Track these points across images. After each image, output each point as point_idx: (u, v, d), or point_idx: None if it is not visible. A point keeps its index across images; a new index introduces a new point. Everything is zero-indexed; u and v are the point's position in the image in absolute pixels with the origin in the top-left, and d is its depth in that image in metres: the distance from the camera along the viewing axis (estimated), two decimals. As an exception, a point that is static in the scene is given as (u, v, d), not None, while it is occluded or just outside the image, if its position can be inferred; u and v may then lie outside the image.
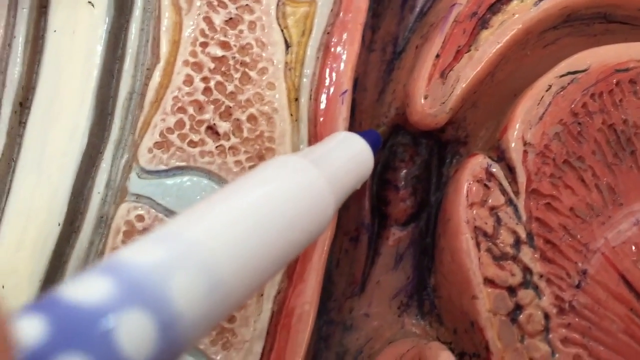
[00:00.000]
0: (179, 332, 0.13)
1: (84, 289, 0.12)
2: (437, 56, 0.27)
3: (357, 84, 0.29)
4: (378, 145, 0.26)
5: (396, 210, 0.29)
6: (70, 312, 0.12)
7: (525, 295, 0.25)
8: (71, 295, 0.12)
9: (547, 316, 0.24)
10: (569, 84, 0.26)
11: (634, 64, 0.27)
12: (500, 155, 0.26)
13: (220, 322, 0.24)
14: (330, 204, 0.19)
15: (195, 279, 0.14)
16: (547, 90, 0.26)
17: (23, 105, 0.26)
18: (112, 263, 0.13)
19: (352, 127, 0.29)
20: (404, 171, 0.29)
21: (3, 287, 0.24)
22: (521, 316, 0.24)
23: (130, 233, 0.24)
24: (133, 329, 0.12)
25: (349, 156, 0.22)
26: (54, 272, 0.24)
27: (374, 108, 0.29)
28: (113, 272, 0.13)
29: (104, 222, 0.25)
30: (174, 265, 0.14)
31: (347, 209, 0.28)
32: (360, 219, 0.28)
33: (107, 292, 0.12)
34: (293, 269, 0.25)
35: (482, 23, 0.28)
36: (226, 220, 0.16)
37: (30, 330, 0.11)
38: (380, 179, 0.29)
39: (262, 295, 0.25)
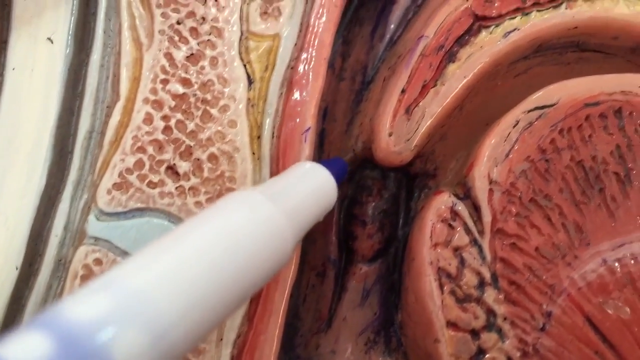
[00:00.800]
0: None
1: (19, 346, 0.12)
2: (403, 91, 0.27)
3: (326, 113, 0.29)
4: (344, 174, 0.25)
5: (363, 246, 0.28)
6: None
7: (488, 338, 0.24)
8: (6, 353, 0.12)
9: (510, 360, 0.24)
10: (536, 119, 0.26)
11: (604, 97, 0.26)
12: (466, 193, 0.26)
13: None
14: (288, 240, 0.19)
15: (135, 334, 0.13)
16: (514, 127, 0.26)
17: (-19, 145, 0.25)
18: (49, 316, 0.13)
19: (320, 158, 0.29)
20: (372, 205, 0.28)
21: (-41, 334, 0.24)
22: (484, 360, 0.24)
23: (88, 277, 0.24)
24: None
25: (310, 189, 0.22)
26: (13, 315, 0.24)
27: (342, 140, 0.29)
28: (50, 327, 0.12)
29: (62, 265, 0.25)
30: (114, 319, 0.13)
31: (314, 243, 0.28)
32: (327, 253, 0.28)
33: (42, 352, 0.12)
34: (254, 311, 0.25)
35: (449, 56, 0.27)
36: (173, 266, 0.15)
37: None
38: (348, 213, 0.29)
39: (221, 339, 0.24)
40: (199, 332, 0.15)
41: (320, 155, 0.29)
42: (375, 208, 0.28)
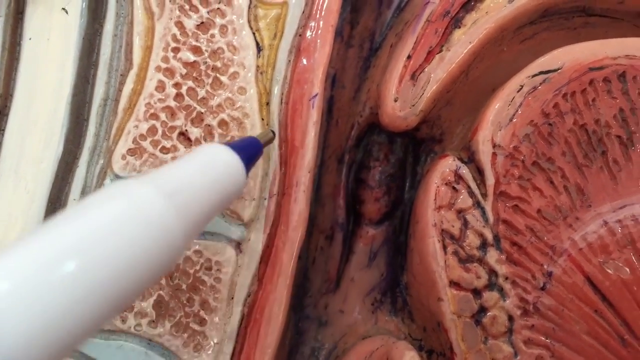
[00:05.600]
0: None
1: None
2: (409, 57, 0.27)
3: (335, 80, 0.30)
4: (256, 153, 0.23)
5: (370, 209, 0.29)
6: None
7: (490, 297, 0.25)
8: None
9: (511, 318, 0.25)
10: (541, 83, 0.26)
11: (608, 62, 0.27)
12: (471, 157, 0.26)
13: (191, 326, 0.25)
14: (177, 237, 0.17)
15: None
16: (518, 91, 0.26)
17: (1, 113, 0.26)
18: None
19: (329, 124, 0.29)
20: (379, 169, 0.29)
21: (-16, 292, 0.25)
22: (485, 318, 0.25)
23: (105, 239, 0.25)
24: None
25: (210, 176, 0.20)
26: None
27: (350, 106, 0.30)
28: None
29: (80, 227, 0.26)
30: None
31: (323, 207, 0.29)
32: (335, 217, 0.29)
33: None
34: (263, 272, 0.26)
35: (455, 22, 0.27)
36: (30, 274, 0.13)
37: None
38: (355, 177, 0.29)
39: (232, 298, 0.25)
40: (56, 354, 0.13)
41: (329, 122, 0.29)
42: (382, 172, 0.29)
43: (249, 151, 0.22)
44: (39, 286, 0.13)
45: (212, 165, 0.20)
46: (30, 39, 0.27)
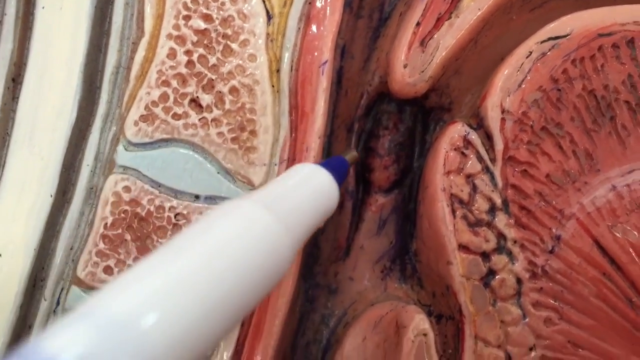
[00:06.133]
0: None
1: None
2: (418, 24, 0.27)
3: (344, 51, 0.30)
4: (345, 173, 0.25)
5: (379, 177, 0.29)
6: None
7: (498, 260, 0.25)
8: None
9: (519, 281, 0.25)
10: (549, 49, 0.26)
11: (617, 28, 0.27)
12: (480, 123, 0.26)
13: None
14: (287, 253, 0.18)
15: None
16: (527, 57, 0.26)
17: (15, 81, 0.27)
18: (25, 352, 0.12)
19: (339, 94, 0.29)
20: (388, 138, 0.29)
21: (0, 255, 0.25)
22: (494, 281, 0.25)
23: (118, 204, 0.26)
24: None
25: (310, 195, 0.21)
26: (48, 240, 0.26)
27: (359, 76, 0.30)
28: None
29: (93, 193, 0.26)
30: (94, 353, 0.12)
31: (333, 175, 0.29)
32: (345, 185, 0.29)
33: None
34: (274, 236, 0.26)
35: (464, -11, 0.27)
36: (161, 288, 0.14)
37: None
38: (365, 146, 0.30)
39: (243, 261, 0.26)
40: (193, 356, 0.14)
41: (338, 92, 0.30)
42: (392, 141, 0.29)
43: (340, 171, 0.23)
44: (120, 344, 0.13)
45: (310, 184, 0.21)
46: (43, 8, 0.27)
